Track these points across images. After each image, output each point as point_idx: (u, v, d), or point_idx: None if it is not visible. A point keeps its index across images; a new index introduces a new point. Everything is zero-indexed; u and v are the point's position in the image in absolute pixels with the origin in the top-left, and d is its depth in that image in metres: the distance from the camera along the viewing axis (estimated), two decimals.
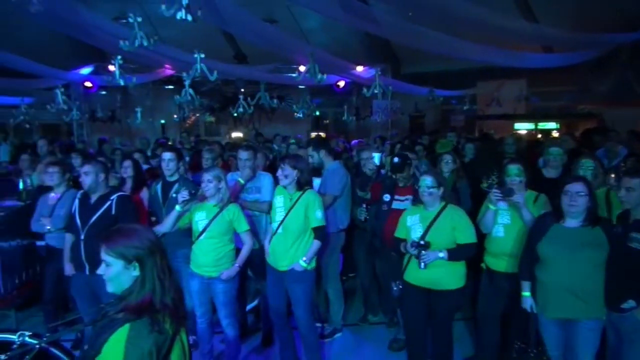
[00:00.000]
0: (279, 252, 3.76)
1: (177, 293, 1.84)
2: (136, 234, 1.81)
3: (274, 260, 3.80)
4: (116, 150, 8.08)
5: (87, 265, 3.88)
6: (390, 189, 4.26)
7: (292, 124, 14.69)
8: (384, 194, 4.25)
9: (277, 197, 3.84)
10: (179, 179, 4.33)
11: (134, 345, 1.60)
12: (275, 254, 3.79)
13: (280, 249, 3.75)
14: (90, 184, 3.91)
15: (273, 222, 3.83)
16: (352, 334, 4.77)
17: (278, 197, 3.84)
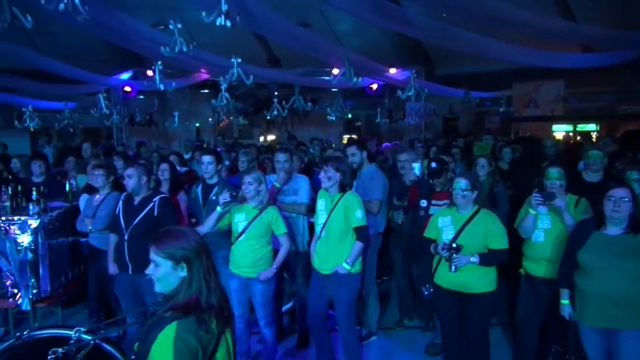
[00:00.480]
0: (323, 255, 3.77)
1: (222, 294, 1.89)
2: (184, 235, 1.86)
3: (318, 263, 3.81)
4: (154, 152, 8.30)
5: (130, 265, 4.01)
6: (427, 194, 4.24)
7: (324, 127, 14.75)
8: (421, 199, 4.23)
9: (319, 200, 3.85)
10: (218, 181, 4.42)
11: (181, 342, 1.65)
12: (319, 257, 3.80)
13: (324, 252, 3.76)
14: (134, 186, 4.05)
15: (316, 225, 3.85)
16: (388, 337, 4.76)
17: (320, 200, 3.85)
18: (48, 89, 10.98)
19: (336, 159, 3.90)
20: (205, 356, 1.71)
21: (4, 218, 4.43)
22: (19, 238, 4.39)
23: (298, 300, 4.68)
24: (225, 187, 4.19)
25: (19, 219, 4.42)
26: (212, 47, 8.53)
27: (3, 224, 4.40)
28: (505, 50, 8.85)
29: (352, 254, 3.69)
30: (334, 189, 3.74)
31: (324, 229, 3.75)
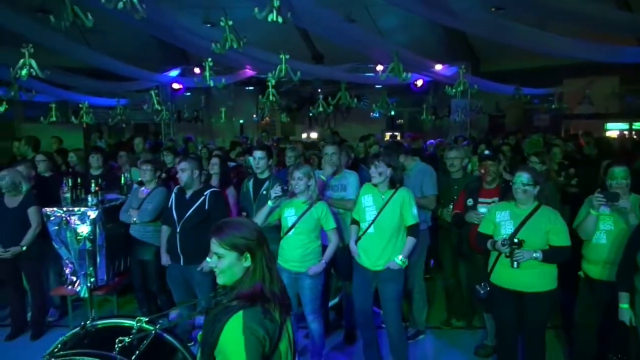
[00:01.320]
0: (372, 252, 3.73)
1: (281, 283, 1.90)
2: (244, 225, 1.87)
3: (366, 259, 3.77)
4: (202, 148, 8.48)
5: (182, 257, 4.11)
6: (473, 193, 4.14)
7: (367, 124, 14.68)
8: (468, 198, 4.14)
9: (366, 196, 3.81)
10: (269, 176, 4.47)
11: (250, 332, 1.67)
12: (367, 253, 3.76)
13: (374, 248, 3.72)
14: (187, 180, 4.15)
15: (362, 221, 3.81)
16: (435, 337, 4.69)
17: (366, 196, 3.81)
18: (102, 86, 11.40)
19: (388, 155, 3.85)
20: (271, 345, 1.72)
21: (65, 209, 4.63)
22: (79, 228, 4.58)
23: (345, 296, 4.68)
24: (276, 182, 4.23)
25: (78, 210, 4.60)
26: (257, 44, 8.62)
27: (64, 215, 4.60)
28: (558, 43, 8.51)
29: (406, 249, 3.67)
30: (384, 185, 3.70)
31: (373, 225, 3.71)
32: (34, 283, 4.82)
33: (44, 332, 4.83)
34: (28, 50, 5.88)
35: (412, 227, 3.69)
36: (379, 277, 3.73)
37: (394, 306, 3.75)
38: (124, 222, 4.73)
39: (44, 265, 4.95)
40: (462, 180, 4.55)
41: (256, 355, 1.67)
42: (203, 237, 4.11)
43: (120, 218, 4.73)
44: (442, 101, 13.43)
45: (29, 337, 4.76)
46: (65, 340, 2.04)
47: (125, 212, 4.67)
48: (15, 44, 6.26)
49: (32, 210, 4.66)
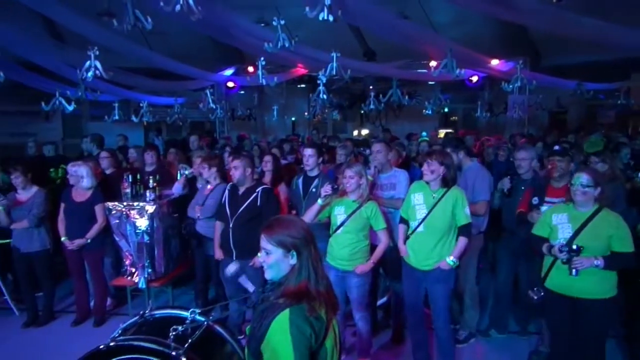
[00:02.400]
0: (422, 251, 3.69)
1: (328, 282, 1.92)
2: (293, 224, 1.91)
3: (415, 259, 3.74)
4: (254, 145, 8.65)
5: (235, 251, 4.22)
6: (540, 191, 3.96)
7: (420, 121, 14.44)
8: (533, 196, 3.97)
9: (416, 194, 3.76)
10: (319, 174, 4.50)
11: (297, 329, 1.70)
12: (417, 253, 3.72)
13: (423, 248, 3.67)
14: (239, 177, 4.25)
15: (411, 220, 3.77)
16: (486, 341, 4.57)
17: (416, 194, 3.76)
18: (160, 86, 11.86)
19: (441, 153, 3.78)
20: (317, 343, 1.75)
21: (125, 203, 4.86)
22: (138, 222, 4.79)
23: (393, 295, 4.65)
24: (325, 180, 4.26)
25: (137, 204, 4.82)
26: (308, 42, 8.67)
27: (124, 209, 4.83)
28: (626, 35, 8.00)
29: (457, 249, 3.60)
30: (436, 183, 3.64)
31: (424, 224, 3.66)
32: (96, 273, 5.10)
33: (105, 320, 5.11)
34: (94, 53, 6.20)
35: (464, 227, 3.62)
36: (428, 278, 3.68)
37: (442, 307, 3.69)
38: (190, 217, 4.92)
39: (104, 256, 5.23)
40: (531, 182, 4.32)
41: (304, 351, 1.70)
42: (255, 233, 4.21)
43: (189, 214, 4.93)
44: (499, 97, 13.00)
45: (92, 323, 5.04)
46: (125, 327, 2.16)
47: (192, 209, 4.86)
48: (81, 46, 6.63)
49: (99, 207, 4.92)
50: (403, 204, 3.94)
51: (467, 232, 3.62)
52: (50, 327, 5.06)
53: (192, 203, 4.90)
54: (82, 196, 4.93)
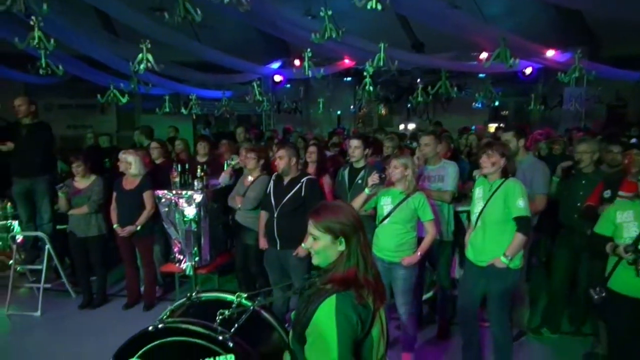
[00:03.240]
0: (478, 247, 3.55)
1: (376, 271, 1.87)
2: (341, 210, 1.87)
3: (473, 254, 3.61)
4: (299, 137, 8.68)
5: (279, 241, 4.23)
6: (613, 184, 3.72)
7: (469, 115, 14.05)
8: (605, 189, 3.75)
9: (477, 189, 3.64)
10: (365, 165, 4.45)
11: (343, 316, 1.67)
12: (474, 248, 3.60)
13: (479, 243, 3.54)
14: (284, 167, 4.25)
15: (472, 214, 3.66)
16: (538, 340, 4.39)
17: (477, 188, 3.64)
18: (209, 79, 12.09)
19: (502, 144, 3.64)
20: (363, 331, 1.72)
21: (174, 192, 4.97)
22: (186, 210, 4.90)
23: (440, 290, 4.54)
24: (372, 171, 4.20)
25: (186, 193, 4.92)
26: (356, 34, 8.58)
27: (173, 197, 4.95)
28: None
29: (513, 246, 3.40)
30: (495, 176, 3.50)
31: (481, 218, 3.52)
32: (146, 260, 5.26)
33: (154, 305, 5.26)
34: (145, 46, 6.38)
35: (519, 221, 3.39)
36: (485, 274, 3.52)
37: (498, 305, 3.53)
38: (230, 207, 4.98)
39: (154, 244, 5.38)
40: (592, 176, 4.12)
41: (348, 339, 1.66)
42: (299, 223, 4.23)
43: (229, 203, 4.98)
44: (554, 90, 12.42)
45: (142, 307, 5.21)
46: (173, 309, 2.19)
47: (232, 199, 4.91)
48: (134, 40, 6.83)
49: (147, 194, 5.06)
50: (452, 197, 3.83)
51: (524, 228, 3.41)
52: (103, 310, 5.27)
53: (232, 193, 4.95)
54: (131, 184, 5.09)
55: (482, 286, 3.60)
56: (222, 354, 1.91)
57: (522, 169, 4.10)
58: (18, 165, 5.64)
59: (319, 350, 1.68)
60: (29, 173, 5.58)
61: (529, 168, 4.13)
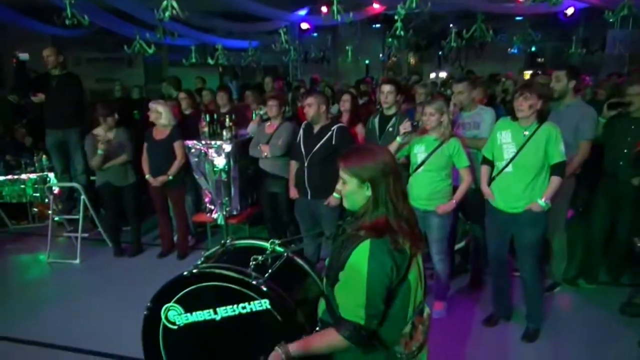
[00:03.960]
0: (510, 193, 3.41)
1: (412, 217, 1.79)
2: (371, 154, 1.78)
3: (503, 201, 3.47)
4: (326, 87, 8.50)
5: (309, 191, 4.19)
6: None
7: (503, 62, 13.49)
8: None
9: (502, 132, 3.45)
10: (397, 112, 4.30)
11: (376, 260, 1.62)
12: (505, 195, 3.45)
13: (512, 190, 3.40)
14: (313, 114, 4.15)
15: (498, 160, 3.50)
16: (573, 291, 4.31)
17: (503, 132, 3.45)
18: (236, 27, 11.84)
19: (539, 85, 3.43)
20: (399, 276, 1.67)
21: (204, 142, 4.95)
22: (215, 160, 4.89)
23: (473, 239, 4.47)
24: (404, 119, 4.07)
25: (215, 143, 4.90)
26: None
27: (203, 147, 4.93)
28: None
29: (550, 190, 3.29)
30: (529, 119, 3.31)
31: (512, 164, 3.38)
32: (178, 209, 5.32)
33: (187, 254, 5.37)
34: None
35: (558, 166, 3.28)
36: (517, 221, 3.41)
37: (532, 253, 3.44)
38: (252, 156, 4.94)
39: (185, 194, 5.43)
40: None
41: (379, 285, 1.62)
42: (330, 172, 4.17)
43: (250, 153, 4.93)
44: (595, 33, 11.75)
45: (176, 256, 5.32)
46: (207, 255, 2.19)
47: (255, 148, 4.85)
48: None
49: (177, 144, 5.05)
50: (487, 143, 3.67)
51: (561, 172, 3.29)
52: (139, 258, 5.41)
53: (253, 142, 4.88)
54: (161, 134, 5.08)
55: (511, 234, 3.51)
56: (256, 299, 1.90)
57: (569, 113, 3.89)
58: (50, 117, 5.70)
59: (348, 293, 1.66)
60: (61, 124, 5.64)
61: (577, 112, 3.90)
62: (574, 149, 3.86)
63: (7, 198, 5.87)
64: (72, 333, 3.82)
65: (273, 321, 1.89)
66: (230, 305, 1.95)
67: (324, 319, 1.85)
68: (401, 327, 1.73)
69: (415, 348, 1.75)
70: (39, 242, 5.80)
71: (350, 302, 1.65)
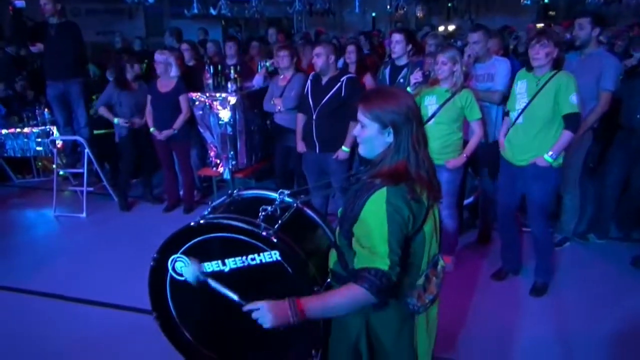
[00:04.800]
0: (518, 145, 3.33)
1: (431, 167, 1.71)
2: (394, 97, 1.67)
3: (512, 154, 3.39)
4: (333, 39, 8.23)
5: (318, 144, 4.10)
6: None
7: (514, 14, 13.04)
8: None
9: (520, 82, 3.34)
10: (408, 63, 4.15)
11: (394, 207, 1.54)
12: (514, 147, 3.37)
13: (520, 142, 3.31)
14: (322, 65, 4.01)
15: (512, 110, 3.39)
16: (584, 245, 4.28)
17: (520, 81, 3.33)
18: None
19: (555, 32, 3.27)
20: (414, 227, 1.60)
21: (208, 94, 4.83)
22: (220, 113, 4.78)
23: (482, 194, 4.40)
24: (415, 68, 3.92)
25: (220, 96, 4.77)
26: None
27: (207, 100, 4.81)
28: None
29: (559, 144, 3.17)
30: (544, 68, 3.17)
31: (523, 115, 3.26)
32: (184, 163, 5.25)
33: (194, 208, 5.34)
34: None
35: (569, 118, 3.13)
36: (525, 174, 3.34)
37: (539, 207, 3.38)
38: (267, 111, 4.82)
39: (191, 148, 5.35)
40: None
41: (398, 232, 1.55)
42: (339, 125, 4.10)
43: (265, 108, 4.81)
44: None
45: (182, 210, 5.30)
46: (215, 206, 2.13)
47: (269, 102, 4.73)
48: None
49: (183, 97, 4.93)
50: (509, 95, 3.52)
51: (573, 125, 3.16)
52: (144, 213, 5.39)
53: (267, 96, 4.75)
54: (166, 87, 4.95)
55: (521, 188, 3.44)
56: (266, 250, 1.85)
57: (591, 62, 3.73)
58: (50, 68, 5.55)
59: (367, 243, 1.56)
60: (61, 75, 5.50)
61: (599, 61, 3.74)
62: (594, 100, 3.74)
63: (11, 152, 5.81)
64: (80, 284, 3.85)
65: (283, 273, 1.83)
66: (239, 256, 1.89)
67: (335, 270, 1.80)
68: (415, 279, 1.68)
69: (428, 300, 1.70)
70: (45, 196, 5.79)
71: (369, 250, 1.55)
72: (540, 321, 3.24)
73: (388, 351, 1.69)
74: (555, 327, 3.17)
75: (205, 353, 2.13)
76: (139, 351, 3.02)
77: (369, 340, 1.68)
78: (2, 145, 5.75)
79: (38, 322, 3.41)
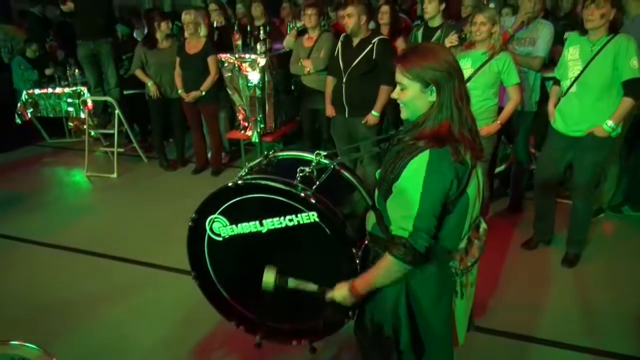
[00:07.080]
0: (572, 115, 3.17)
1: (474, 124, 1.65)
2: (433, 53, 1.58)
3: (564, 124, 3.24)
4: None
5: (347, 108, 4.04)
6: None
7: None
8: None
9: (571, 48, 3.15)
10: (442, 24, 4.01)
11: (435, 171, 1.50)
12: (565, 116, 3.22)
13: (575, 111, 3.15)
14: (353, 26, 3.89)
15: (563, 79, 3.22)
16: (618, 218, 4.18)
17: (572, 47, 3.15)
18: None
19: None
20: (459, 189, 1.56)
21: (237, 55, 4.77)
22: (249, 75, 4.74)
23: (515, 163, 4.31)
24: (450, 30, 3.79)
25: (249, 57, 4.72)
26: None
27: (236, 61, 4.76)
28: None
29: (619, 112, 3.01)
30: (600, 32, 2.98)
31: (577, 83, 3.10)
32: (212, 126, 5.26)
33: (222, 170, 5.37)
34: None
35: (630, 84, 2.95)
36: (578, 145, 3.20)
37: (589, 177, 3.25)
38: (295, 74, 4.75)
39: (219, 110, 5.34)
40: None
41: (434, 197, 1.51)
42: (369, 89, 4.01)
43: (292, 71, 4.74)
44: None
45: (209, 173, 5.34)
46: (251, 167, 2.11)
47: (295, 64, 4.65)
48: None
49: (211, 59, 4.89)
50: (559, 61, 3.35)
51: (634, 91, 2.97)
52: (173, 174, 5.46)
53: (293, 59, 4.67)
54: (195, 48, 4.91)
55: (571, 158, 3.32)
56: (304, 211, 1.84)
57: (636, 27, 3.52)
58: (80, 27, 5.54)
59: (400, 203, 1.54)
60: (91, 35, 5.48)
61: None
62: None
63: (44, 112, 5.90)
64: (113, 242, 3.93)
65: (321, 234, 1.83)
66: (277, 217, 1.89)
67: (373, 232, 1.78)
68: (457, 243, 1.66)
69: (470, 264, 1.68)
70: (76, 156, 5.90)
71: (399, 214, 1.54)
72: (571, 292, 3.20)
73: (426, 314, 1.69)
74: (585, 299, 3.13)
75: (242, 311, 2.17)
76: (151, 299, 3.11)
77: (408, 302, 1.68)
78: (36, 105, 5.84)
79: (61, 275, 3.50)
